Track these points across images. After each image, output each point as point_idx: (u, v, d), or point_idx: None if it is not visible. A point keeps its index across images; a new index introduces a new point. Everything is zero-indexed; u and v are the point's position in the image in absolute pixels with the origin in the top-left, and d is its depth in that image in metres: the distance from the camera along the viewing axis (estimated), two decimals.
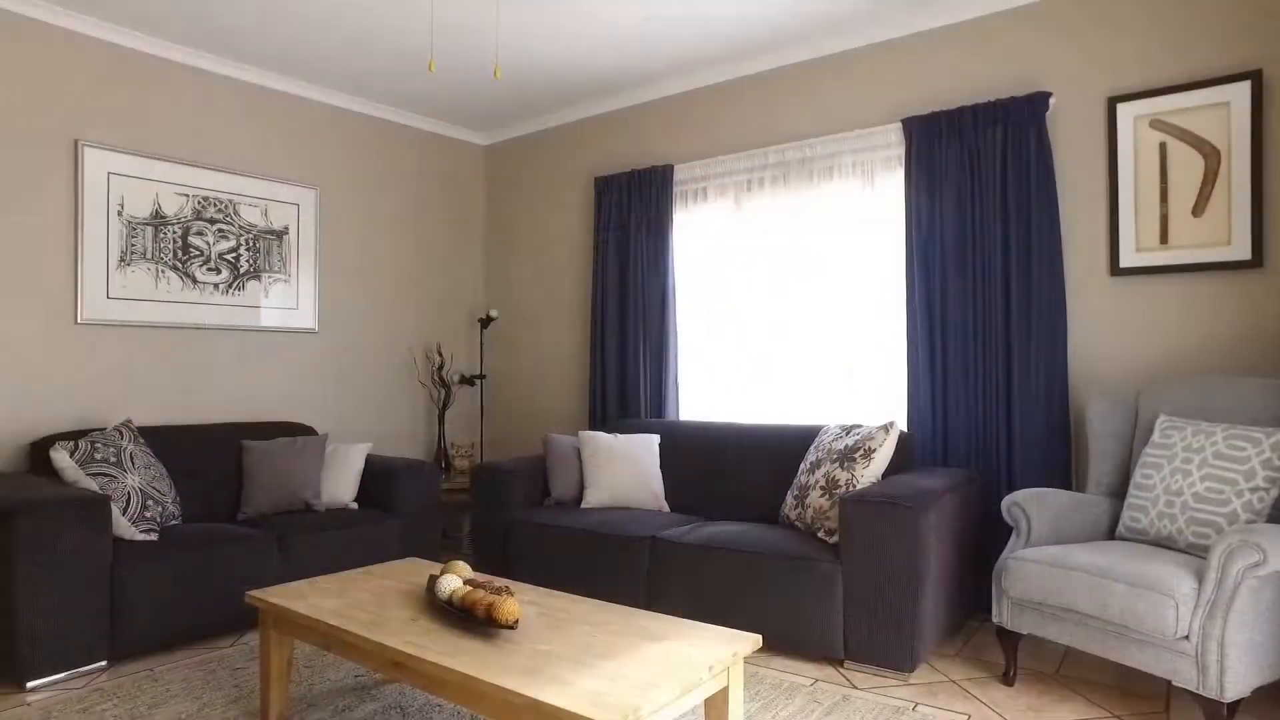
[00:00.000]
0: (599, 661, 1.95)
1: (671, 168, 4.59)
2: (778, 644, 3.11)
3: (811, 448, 3.55)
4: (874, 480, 3.22)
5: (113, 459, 3.33)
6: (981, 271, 3.56)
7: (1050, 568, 2.62)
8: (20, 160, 3.67)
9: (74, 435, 3.56)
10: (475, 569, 4.08)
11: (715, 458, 4.02)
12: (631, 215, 4.73)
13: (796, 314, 4.20)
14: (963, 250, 3.62)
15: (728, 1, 3.65)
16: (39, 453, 3.50)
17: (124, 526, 3.22)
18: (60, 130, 3.79)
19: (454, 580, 2.34)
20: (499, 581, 2.59)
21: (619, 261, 4.80)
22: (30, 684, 2.85)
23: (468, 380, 5.34)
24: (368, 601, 2.45)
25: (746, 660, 3.09)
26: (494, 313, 5.34)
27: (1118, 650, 2.50)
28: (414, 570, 2.85)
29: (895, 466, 3.44)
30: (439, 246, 5.47)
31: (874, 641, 2.91)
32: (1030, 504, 2.90)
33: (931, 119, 3.68)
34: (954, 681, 2.87)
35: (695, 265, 4.60)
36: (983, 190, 3.56)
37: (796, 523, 3.41)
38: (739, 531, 3.35)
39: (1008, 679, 2.83)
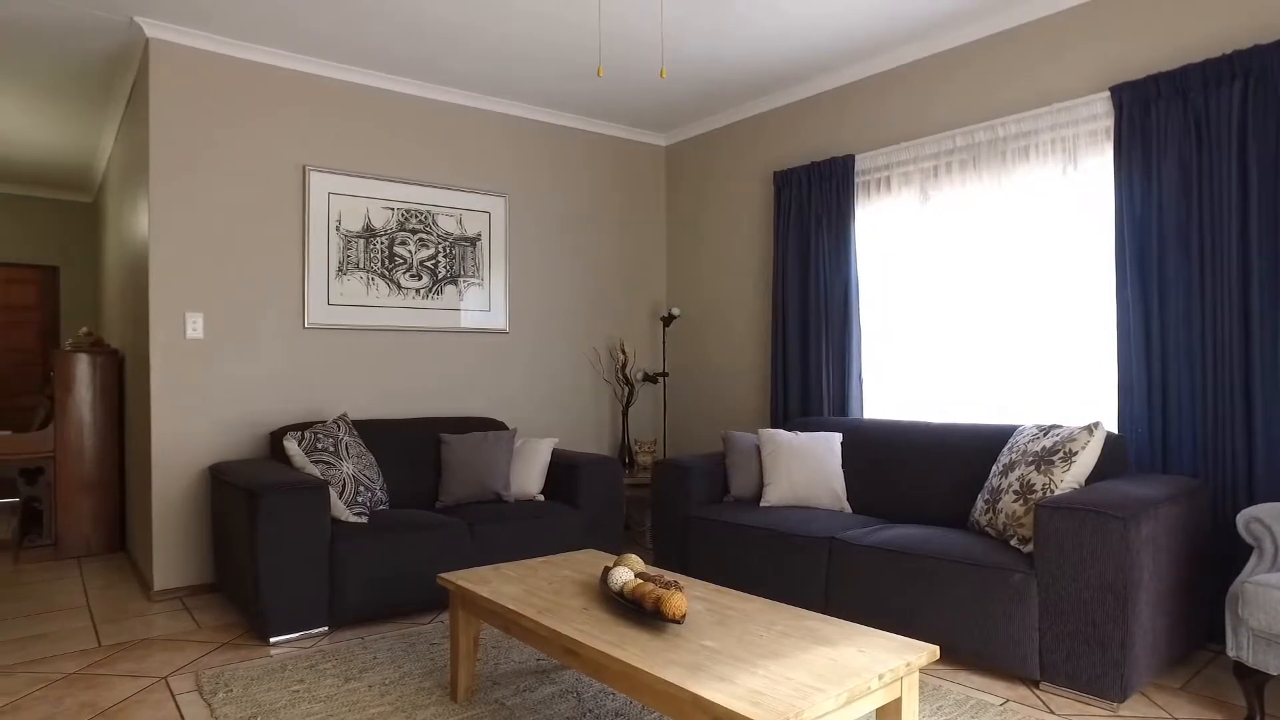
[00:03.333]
0: (763, 661, 1.92)
1: (852, 158, 4.43)
2: (964, 657, 2.91)
3: (1005, 449, 3.28)
4: (1075, 486, 2.93)
5: (331, 448, 3.72)
6: (1212, 252, 3.13)
7: None
8: (263, 187, 4.20)
9: (302, 426, 4.01)
10: (655, 563, 4.16)
11: (900, 458, 3.82)
12: (812, 209, 4.61)
13: (989, 306, 3.91)
14: (1187, 230, 3.20)
15: None
16: (276, 441, 3.99)
17: (340, 509, 3.59)
18: (291, 158, 4.29)
19: (625, 573, 2.39)
20: (669, 576, 2.61)
21: (800, 257, 4.70)
22: (273, 639, 3.29)
23: (650, 378, 5.45)
24: (545, 589, 2.57)
25: (930, 672, 2.92)
26: (676, 311, 5.41)
27: None
28: (591, 561, 2.95)
29: (1104, 472, 3.11)
30: (622, 246, 5.63)
31: (1075, 663, 2.64)
32: (1276, 519, 2.51)
33: (1146, 83, 3.28)
34: None
35: (879, 258, 4.40)
36: (1214, 160, 3.12)
37: (987, 529, 3.17)
38: (924, 535, 3.17)
39: None
